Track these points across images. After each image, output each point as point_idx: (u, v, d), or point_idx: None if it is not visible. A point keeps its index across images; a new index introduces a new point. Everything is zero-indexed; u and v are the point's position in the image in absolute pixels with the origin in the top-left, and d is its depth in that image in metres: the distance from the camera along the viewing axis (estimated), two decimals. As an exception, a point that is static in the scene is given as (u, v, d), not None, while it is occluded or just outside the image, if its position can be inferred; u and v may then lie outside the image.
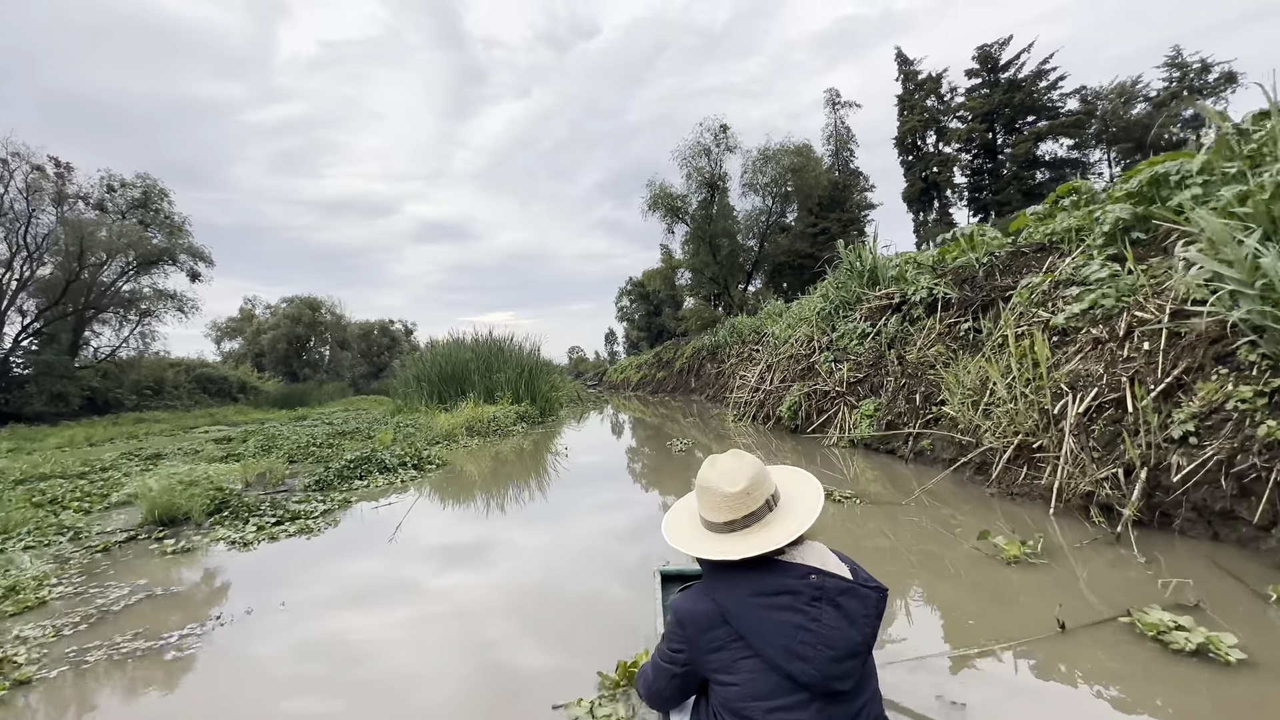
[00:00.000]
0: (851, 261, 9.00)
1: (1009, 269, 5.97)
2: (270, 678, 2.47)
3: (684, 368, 24.51)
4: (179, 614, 3.14)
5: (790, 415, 8.40)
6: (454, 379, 15.74)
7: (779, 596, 1.29)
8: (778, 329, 12.04)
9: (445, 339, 18.42)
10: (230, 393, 37.38)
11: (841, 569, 1.36)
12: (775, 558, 1.35)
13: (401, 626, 2.87)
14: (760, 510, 1.38)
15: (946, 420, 5.40)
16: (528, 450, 9.73)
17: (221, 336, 49.51)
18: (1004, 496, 4.18)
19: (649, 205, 28.79)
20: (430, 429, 11.79)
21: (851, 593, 1.30)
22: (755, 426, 10.04)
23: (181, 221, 32.51)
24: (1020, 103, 29.62)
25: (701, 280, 30.78)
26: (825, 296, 9.40)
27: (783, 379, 9.82)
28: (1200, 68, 29.43)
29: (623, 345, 64.15)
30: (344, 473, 7.01)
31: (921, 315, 6.97)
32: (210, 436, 16.57)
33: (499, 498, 6.03)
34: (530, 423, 13.81)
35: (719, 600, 1.34)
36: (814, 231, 29.76)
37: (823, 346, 8.86)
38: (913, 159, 31.16)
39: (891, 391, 6.41)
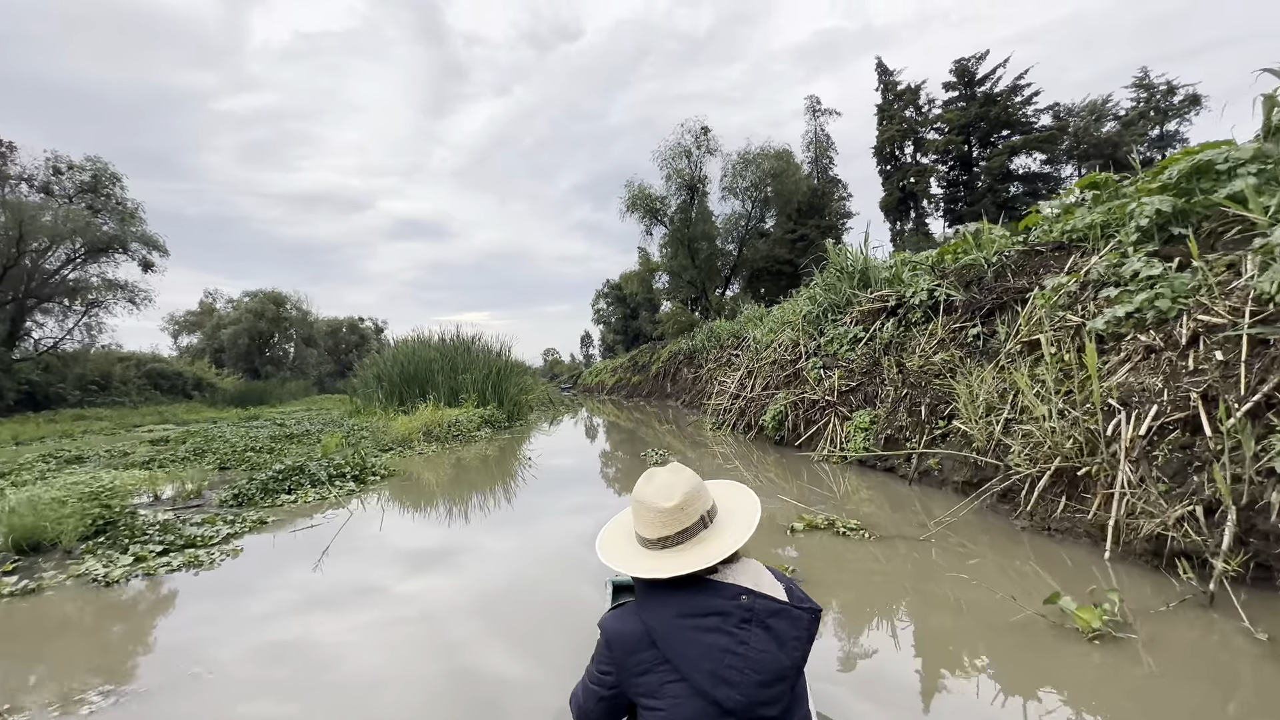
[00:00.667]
0: (841, 262, 8.36)
1: (1022, 269, 5.35)
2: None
3: (660, 372, 23.79)
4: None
5: (775, 425, 7.70)
6: (416, 379, 14.72)
7: (708, 618, 1.23)
8: (759, 333, 11.38)
9: (409, 336, 17.39)
10: (184, 389, 35.44)
11: (776, 589, 1.31)
12: (707, 577, 1.29)
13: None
14: (694, 527, 1.33)
15: (957, 436, 4.74)
16: (490, 458, 8.84)
17: (179, 330, 47.12)
18: (1037, 531, 3.49)
19: (627, 206, 28.06)
20: (386, 433, 10.80)
21: (783, 614, 1.25)
22: (735, 436, 9.33)
23: (134, 208, 30.68)
24: (995, 117, 29.75)
25: (679, 284, 30.12)
26: (813, 299, 8.74)
27: (766, 386, 9.13)
28: (1166, 89, 29.97)
29: (599, 348, 63.21)
30: (269, 486, 6.05)
31: (920, 319, 6.34)
32: (150, 436, 15.24)
33: (452, 517, 5.16)
34: (496, 427, 12.88)
35: (647, 621, 1.28)
36: (792, 238, 29.35)
37: (810, 352, 8.19)
38: (891, 168, 31.03)
39: (891, 403, 5.74)
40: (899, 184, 30.74)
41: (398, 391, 14.80)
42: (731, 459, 7.67)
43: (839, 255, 8.46)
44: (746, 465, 7.13)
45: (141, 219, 30.90)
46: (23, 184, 29.04)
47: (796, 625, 1.25)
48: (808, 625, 1.28)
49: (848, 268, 8.19)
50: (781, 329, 10.51)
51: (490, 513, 5.38)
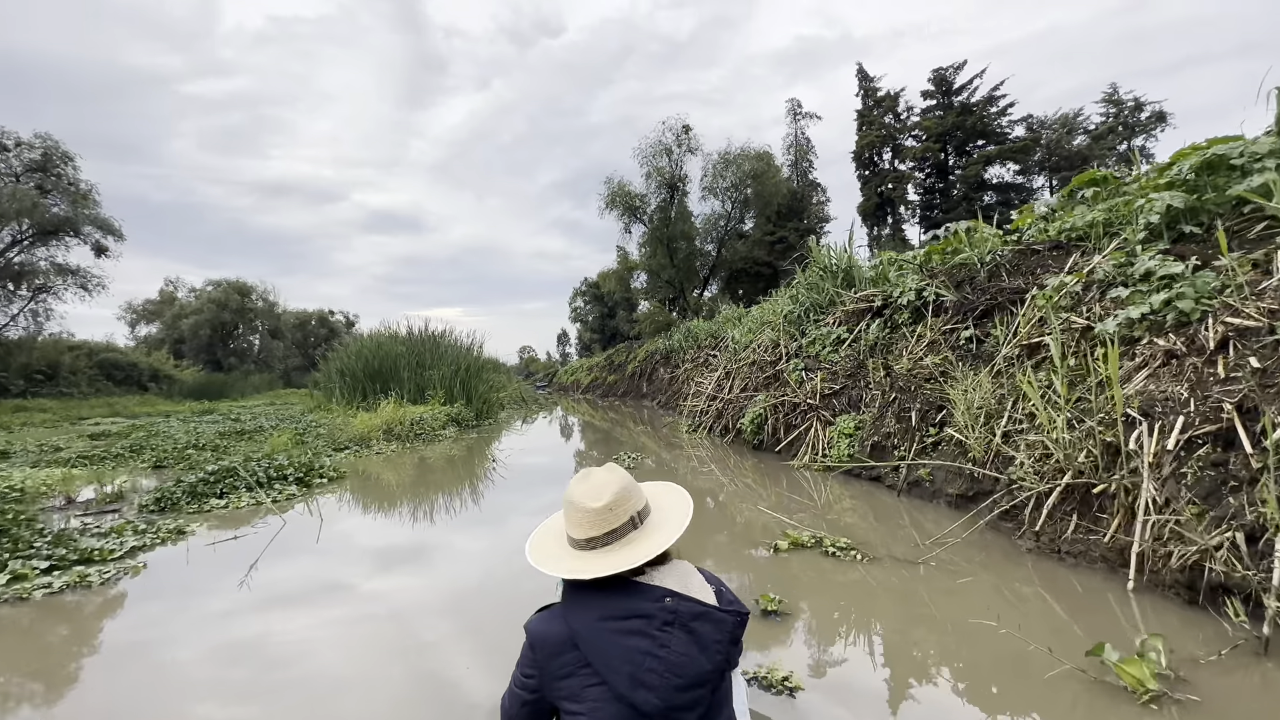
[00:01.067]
0: (825, 260, 8.03)
1: (1018, 269, 5.04)
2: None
3: (636, 372, 23.35)
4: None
5: (753, 429, 7.31)
6: (380, 375, 14.03)
7: (630, 620, 1.20)
8: (738, 333, 11.02)
9: (376, 330, 16.65)
10: (139, 381, 33.80)
11: (705, 591, 1.29)
12: (634, 579, 1.26)
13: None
14: (623, 528, 1.30)
15: (950, 445, 4.39)
16: (454, 458, 8.28)
17: (137, 320, 45.05)
18: (1045, 554, 3.14)
19: (606, 203, 27.57)
20: (344, 430, 10.15)
21: (706, 617, 1.22)
22: (712, 439, 8.93)
23: (88, 190, 29.07)
24: (971, 126, 30.05)
25: (657, 283, 29.74)
26: (794, 298, 8.39)
27: (744, 387, 8.76)
28: (1134, 105, 30.65)
29: (575, 346, 62.49)
30: (198, 489, 5.43)
31: (908, 320, 6.02)
32: (93, 431, 14.26)
33: (404, 524, 4.63)
34: (463, 426, 12.29)
35: (571, 623, 1.25)
36: (771, 239, 29.19)
37: (791, 353, 7.83)
38: (869, 173, 31.11)
39: (878, 408, 5.38)
40: (877, 189, 30.84)
41: (361, 387, 14.10)
42: (707, 462, 7.27)
43: (822, 253, 8.13)
44: (723, 469, 6.73)
45: (96, 201, 29.32)
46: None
47: (720, 628, 1.23)
48: (731, 628, 1.25)
49: (831, 266, 7.86)
50: (760, 329, 10.17)
51: (452, 516, 4.88)
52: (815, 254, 8.21)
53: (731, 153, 26.62)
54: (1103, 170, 5.17)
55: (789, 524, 4.04)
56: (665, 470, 6.80)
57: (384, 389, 14.00)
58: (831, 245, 8.09)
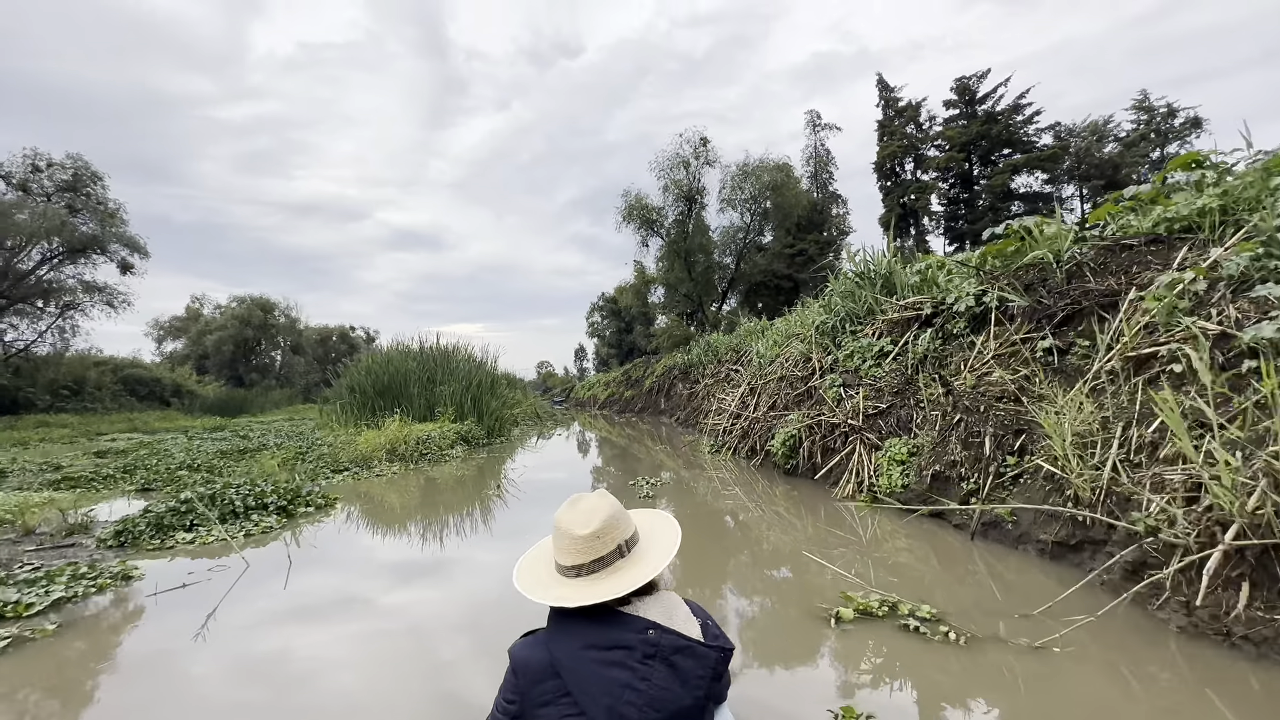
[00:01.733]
0: (861, 265, 7.27)
1: (1105, 267, 4.25)
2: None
3: (654, 387, 22.62)
4: None
5: (785, 452, 6.53)
6: (388, 391, 13.50)
7: (612, 651, 1.16)
8: (763, 346, 10.27)
9: (390, 345, 16.20)
10: (162, 396, 33.99)
11: (689, 624, 1.24)
12: (618, 609, 1.22)
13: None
14: (609, 556, 1.26)
15: (1038, 479, 3.60)
16: (458, 482, 7.61)
17: (164, 336, 45.68)
18: (1202, 636, 2.34)
19: (624, 216, 27.08)
20: (346, 450, 9.57)
21: (688, 652, 1.18)
22: (736, 461, 8.15)
23: (115, 208, 29.43)
24: (997, 135, 29.12)
25: (675, 297, 29.09)
26: (828, 307, 7.63)
27: (772, 405, 7.98)
28: (1167, 112, 29.48)
29: (592, 361, 61.99)
30: (165, 520, 4.81)
31: (964, 330, 5.24)
32: (102, 447, 13.95)
33: (387, 571, 3.93)
34: (473, 445, 11.66)
35: (554, 651, 1.20)
36: (791, 252, 28.44)
37: (825, 367, 7.06)
38: (891, 184, 30.25)
39: (939, 431, 4.59)
40: (899, 200, 29.96)
41: (370, 404, 13.58)
42: (730, 485, 6.50)
43: (858, 259, 7.38)
44: (749, 495, 5.96)
45: (123, 220, 29.66)
46: (0, 181, 27.83)
47: (702, 664, 1.19)
48: (714, 664, 1.20)
49: (869, 272, 7.10)
50: (787, 342, 9.41)
51: (449, 550, 4.19)
52: (850, 258, 7.46)
53: (750, 164, 26.03)
54: (1201, 153, 4.37)
55: (845, 577, 3.27)
56: (688, 498, 6.05)
57: (393, 406, 13.49)
58: (868, 249, 7.34)
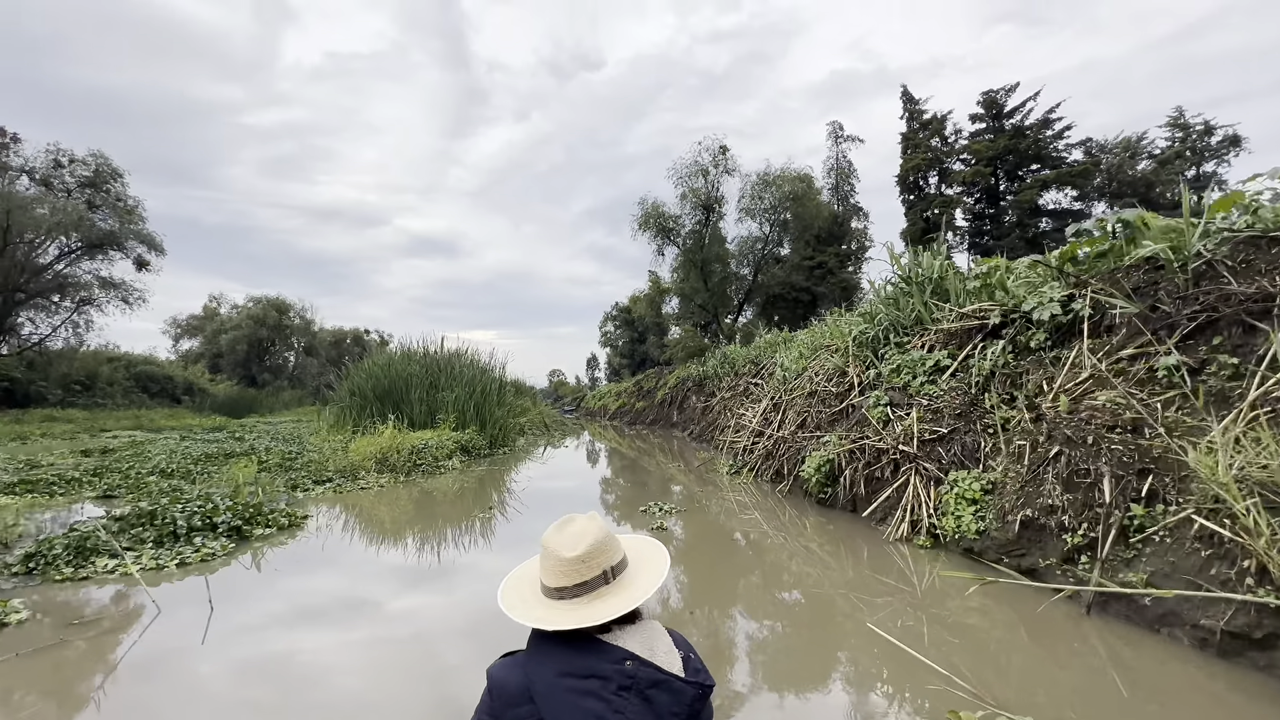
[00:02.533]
0: (909, 268, 6.38)
1: (1250, 266, 3.34)
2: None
3: (666, 399, 21.74)
4: None
5: (820, 480, 5.61)
6: (389, 396, 12.76)
7: (588, 680, 1.10)
8: (787, 359, 9.37)
9: (394, 348, 15.54)
10: (173, 394, 33.70)
11: (670, 657, 1.17)
12: (598, 636, 1.17)
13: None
14: (594, 582, 1.21)
15: (1189, 538, 2.68)
16: (448, 500, 6.77)
17: (181, 334, 45.68)
18: None
19: (640, 224, 26.37)
20: (336, 457, 8.80)
21: (664, 686, 1.12)
22: (759, 484, 7.23)
23: (134, 205, 29.30)
24: (1025, 150, 28.08)
25: (690, 307, 28.26)
26: (868, 316, 6.73)
27: (801, 424, 7.08)
28: (1204, 129, 28.28)
29: (604, 371, 61.25)
30: (86, 544, 4.01)
31: (1045, 342, 4.33)
32: (94, 445, 13.33)
33: (335, 624, 3.08)
34: (474, 455, 10.85)
35: (530, 675, 1.14)
36: (810, 264, 27.51)
37: (866, 383, 6.16)
38: (915, 198, 29.28)
39: (1029, 465, 3.66)
40: (923, 214, 28.96)
41: (369, 408, 12.86)
42: (753, 513, 5.59)
43: (906, 261, 6.49)
44: (775, 527, 5.06)
45: (141, 216, 29.51)
46: (24, 176, 27.83)
47: (678, 699, 1.12)
48: (691, 700, 1.13)
49: (917, 276, 6.21)
50: (815, 354, 8.52)
51: (417, 595, 3.33)
52: (897, 262, 6.57)
53: (771, 174, 25.26)
54: None
55: (931, 668, 2.37)
56: (707, 530, 5.15)
57: (396, 411, 12.76)
58: (917, 250, 6.44)
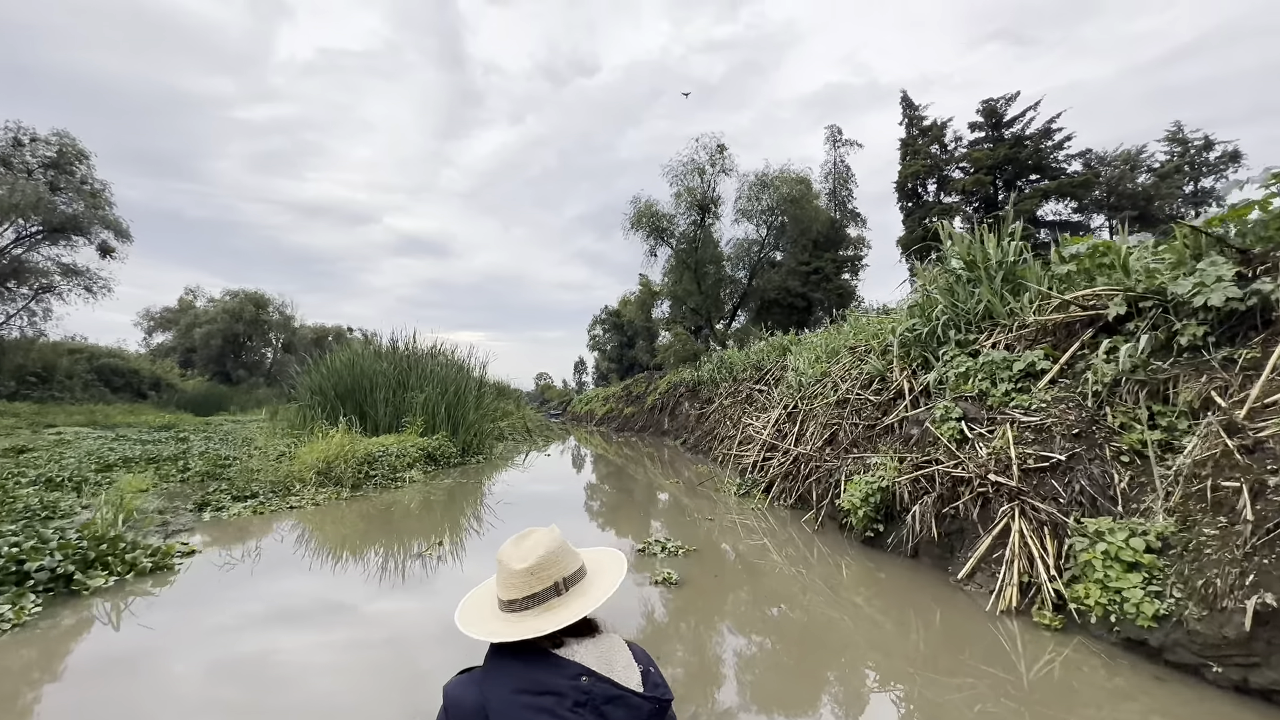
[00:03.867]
0: (972, 251, 5.11)
1: None
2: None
3: (657, 405, 20.39)
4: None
5: (868, 515, 4.28)
6: (350, 396, 11.27)
7: (543, 697, 1.05)
8: (802, 362, 8.09)
9: (358, 340, 14.05)
10: (139, 388, 31.65)
11: (629, 671, 1.12)
12: (554, 651, 1.11)
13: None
14: (544, 594, 1.16)
15: None
16: (396, 522, 5.32)
17: (155, 327, 43.44)
18: None
19: (632, 223, 25.07)
20: (272, 466, 7.32)
21: (620, 701, 1.07)
22: (776, 511, 5.88)
23: (101, 189, 27.40)
24: (1025, 159, 27.26)
25: (683, 310, 26.97)
26: (920, 309, 5.43)
27: (829, 439, 5.76)
28: (1203, 144, 27.69)
29: (592, 375, 59.73)
30: None
31: (1203, 339, 3.06)
32: (20, 441, 11.63)
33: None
34: (441, 464, 9.40)
35: (486, 692, 1.08)
36: (806, 270, 26.35)
37: (920, 391, 4.86)
38: (913, 205, 28.36)
39: (1257, 522, 2.35)
40: (921, 221, 28.00)
41: (328, 408, 11.36)
42: (771, 548, 4.22)
43: (965, 245, 5.22)
44: (805, 573, 3.68)
45: (108, 200, 27.60)
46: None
47: (635, 714, 1.07)
48: (648, 715, 1.09)
49: (985, 260, 4.93)
50: (837, 357, 7.25)
51: None
52: (955, 245, 5.30)
53: (769, 175, 24.12)
54: None
55: None
56: (728, 580, 3.78)
57: (358, 413, 11.27)
58: (981, 229, 5.17)
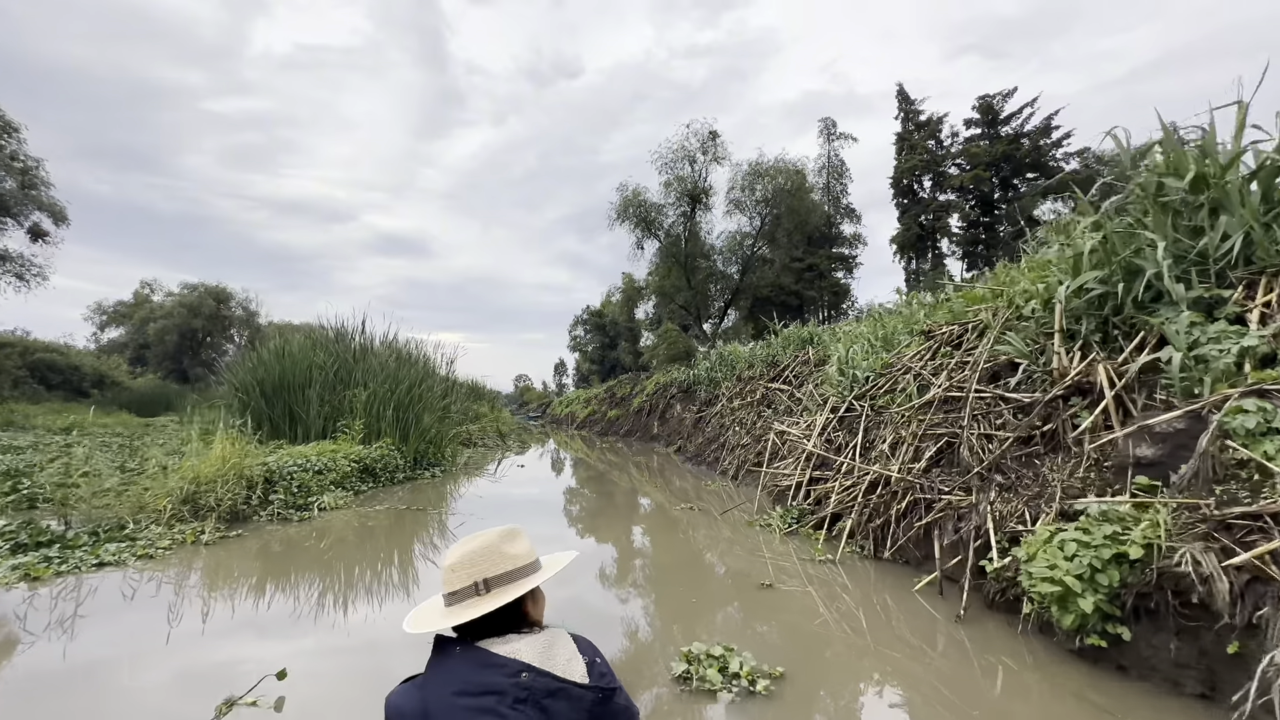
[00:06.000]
0: (1193, 165, 3.15)
1: None
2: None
3: (644, 408, 18.28)
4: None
5: (1099, 610, 2.24)
6: (279, 393, 8.96)
7: (483, 697, 0.98)
8: (854, 350, 6.07)
9: (298, 327, 11.72)
10: (79, 386, 28.46)
11: (572, 664, 1.06)
12: (493, 650, 1.04)
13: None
14: (464, 592, 1.09)
15: None
16: (243, 595, 3.14)
17: (108, 322, 39.89)
18: None
19: (618, 213, 22.97)
20: (125, 494, 5.03)
21: (561, 694, 1.01)
22: (852, 566, 3.83)
23: (34, 165, 24.28)
24: (1023, 157, 25.94)
25: (670, 307, 24.95)
26: (1107, 251, 3.43)
27: (937, 455, 3.74)
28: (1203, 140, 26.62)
29: (572, 377, 57.36)
30: None
31: None
32: None
33: None
34: (382, 480, 7.17)
35: (427, 698, 1.01)
36: (800, 266, 24.61)
37: (1135, 379, 2.87)
38: (908, 202, 26.87)
39: None
40: (918, 219, 26.47)
41: (249, 408, 9.03)
42: (899, 664, 2.15)
43: (1189, 151, 3.26)
44: None
45: (43, 179, 24.49)
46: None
47: (576, 706, 1.02)
48: (590, 705, 1.04)
49: (1223, 177, 2.97)
50: (897, 346, 5.27)
51: None
52: (1161, 153, 3.34)
53: (765, 163, 22.26)
54: None
55: None
56: None
57: (288, 415, 8.98)
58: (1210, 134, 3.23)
